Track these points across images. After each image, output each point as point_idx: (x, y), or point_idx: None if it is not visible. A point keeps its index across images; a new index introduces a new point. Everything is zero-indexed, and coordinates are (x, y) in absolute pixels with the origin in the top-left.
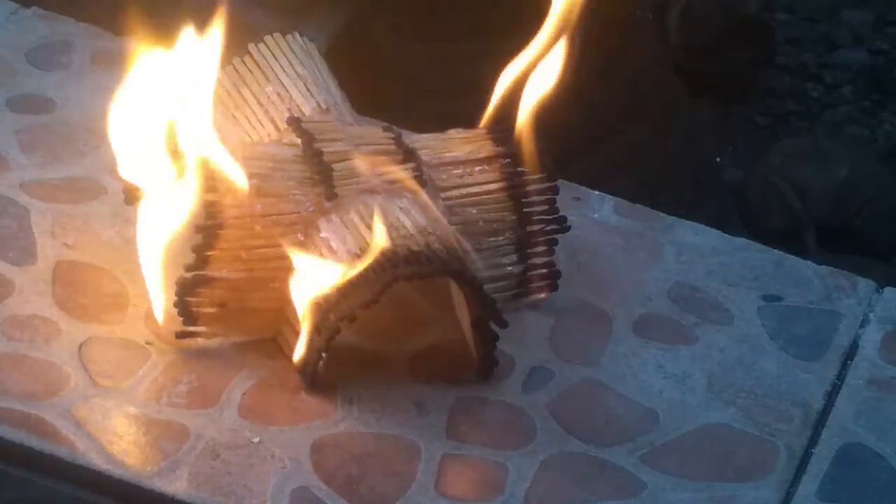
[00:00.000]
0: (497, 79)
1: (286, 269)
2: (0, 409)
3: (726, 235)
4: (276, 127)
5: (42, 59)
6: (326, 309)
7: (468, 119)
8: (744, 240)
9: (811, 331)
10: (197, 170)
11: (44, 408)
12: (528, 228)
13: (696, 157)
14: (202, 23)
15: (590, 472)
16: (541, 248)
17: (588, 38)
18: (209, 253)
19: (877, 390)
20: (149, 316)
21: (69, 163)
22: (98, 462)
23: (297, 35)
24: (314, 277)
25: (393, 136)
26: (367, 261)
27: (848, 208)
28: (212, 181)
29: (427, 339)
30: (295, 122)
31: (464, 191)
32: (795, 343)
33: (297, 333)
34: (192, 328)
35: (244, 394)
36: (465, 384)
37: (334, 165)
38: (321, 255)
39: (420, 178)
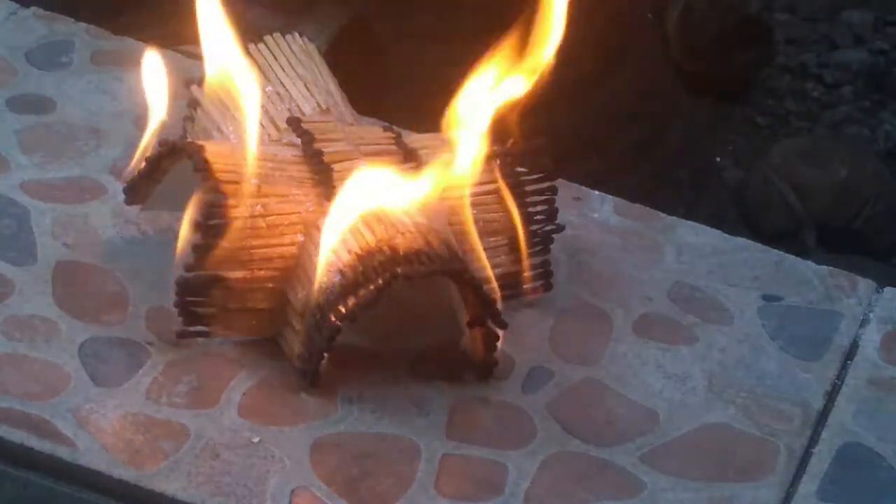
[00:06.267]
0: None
1: (286, 269)
2: (0, 409)
3: (726, 235)
4: (276, 127)
5: (42, 59)
6: (326, 309)
7: None
8: (744, 240)
9: (811, 331)
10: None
11: (44, 408)
12: (526, 228)
13: (696, 157)
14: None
15: (590, 472)
16: (537, 248)
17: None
18: (210, 253)
19: (877, 390)
20: (149, 316)
21: (69, 163)
22: (98, 462)
23: (297, 35)
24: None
25: (393, 136)
26: (367, 260)
27: (848, 208)
28: (214, 180)
29: (427, 339)
30: (295, 122)
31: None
32: (795, 343)
33: (297, 333)
34: (192, 328)
35: (244, 394)
36: (465, 384)
37: (334, 165)
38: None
39: None
